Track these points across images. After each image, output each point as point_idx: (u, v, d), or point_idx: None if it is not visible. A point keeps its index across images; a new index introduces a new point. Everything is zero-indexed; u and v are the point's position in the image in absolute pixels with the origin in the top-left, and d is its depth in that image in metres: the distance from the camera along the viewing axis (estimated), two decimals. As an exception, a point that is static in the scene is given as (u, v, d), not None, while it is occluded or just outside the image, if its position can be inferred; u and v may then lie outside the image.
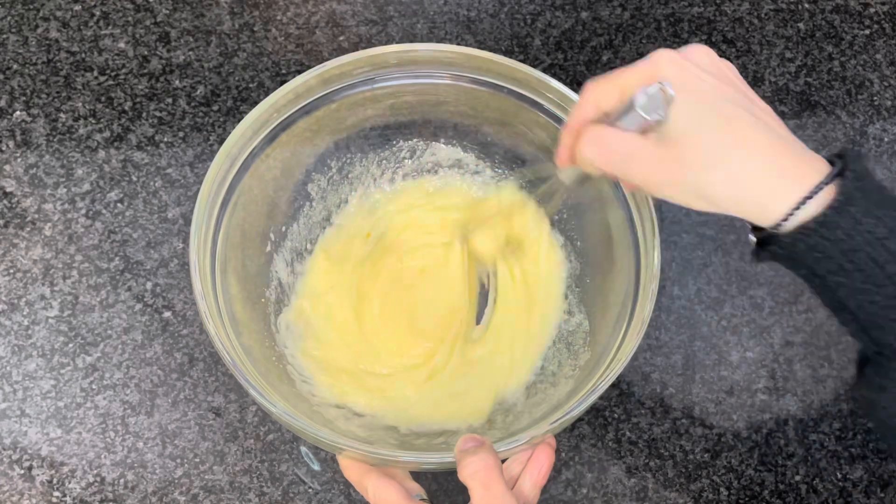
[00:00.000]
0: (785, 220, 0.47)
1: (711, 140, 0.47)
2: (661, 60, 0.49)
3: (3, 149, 0.78)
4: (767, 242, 0.49)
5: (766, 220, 0.48)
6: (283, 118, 0.65)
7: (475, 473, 0.50)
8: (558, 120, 0.66)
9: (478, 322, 0.70)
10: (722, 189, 0.47)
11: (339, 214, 0.73)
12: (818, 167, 0.48)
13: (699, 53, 0.50)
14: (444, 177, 0.75)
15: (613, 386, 0.72)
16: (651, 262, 0.59)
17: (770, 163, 0.47)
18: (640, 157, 0.48)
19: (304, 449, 0.68)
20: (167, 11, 0.85)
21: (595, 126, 0.50)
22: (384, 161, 0.74)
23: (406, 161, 0.74)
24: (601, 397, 0.71)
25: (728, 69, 0.50)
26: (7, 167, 0.77)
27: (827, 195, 0.47)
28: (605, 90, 0.50)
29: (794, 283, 0.76)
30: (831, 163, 0.48)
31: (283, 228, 0.70)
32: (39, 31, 0.84)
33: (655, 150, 0.47)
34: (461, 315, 0.70)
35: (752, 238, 0.51)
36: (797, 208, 0.46)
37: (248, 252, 0.67)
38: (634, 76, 0.49)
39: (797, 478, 0.70)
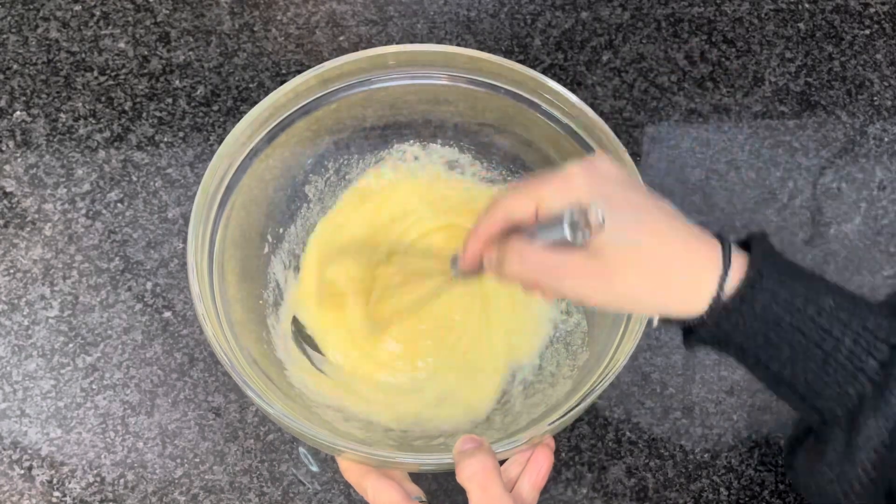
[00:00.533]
0: (710, 306, 0.48)
1: (632, 247, 0.48)
2: (573, 175, 0.49)
3: (3, 149, 0.78)
4: (693, 331, 0.50)
5: (693, 311, 0.48)
6: (281, 118, 0.65)
7: (473, 476, 0.50)
8: (556, 120, 0.66)
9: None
10: (650, 290, 0.48)
11: (336, 216, 0.73)
12: (720, 251, 0.49)
13: (603, 162, 0.51)
14: (442, 177, 0.75)
15: (613, 386, 0.72)
16: None
17: (691, 263, 0.48)
18: (569, 272, 0.48)
19: (302, 450, 0.68)
20: (167, 11, 0.85)
21: (518, 244, 0.50)
22: (382, 162, 0.74)
23: (404, 162, 0.74)
24: (601, 397, 0.71)
25: (624, 173, 0.51)
26: (7, 167, 0.77)
27: (739, 275, 0.48)
28: (520, 203, 0.51)
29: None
30: (722, 242, 0.49)
31: (281, 230, 0.70)
32: (39, 31, 0.84)
33: (582, 264, 0.48)
34: (459, 316, 0.70)
35: (655, 323, 0.52)
36: (717, 294, 0.47)
37: (246, 253, 0.67)
38: (550, 191, 0.49)
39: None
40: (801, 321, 0.47)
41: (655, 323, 0.53)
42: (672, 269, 0.48)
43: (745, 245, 0.50)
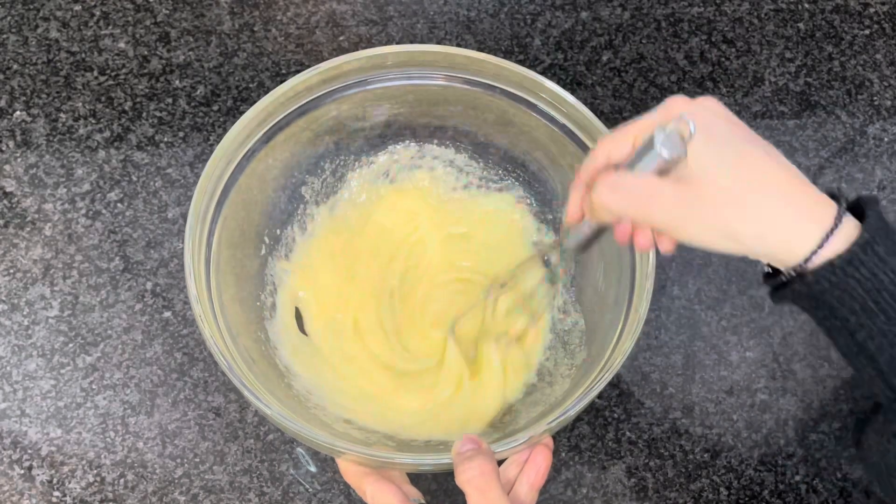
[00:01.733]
0: (808, 258, 0.46)
1: (733, 178, 0.46)
2: (673, 101, 0.49)
3: (3, 149, 0.78)
4: (787, 283, 0.48)
5: (790, 258, 0.47)
6: (279, 118, 0.65)
7: (472, 479, 0.50)
8: (553, 121, 0.66)
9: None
10: (747, 227, 0.46)
11: (333, 217, 0.73)
12: (832, 206, 0.47)
13: (710, 101, 0.49)
14: (441, 177, 0.75)
15: (613, 386, 0.72)
16: (646, 260, 0.59)
17: (792, 201, 0.47)
18: (661, 197, 0.47)
19: (300, 450, 0.68)
20: (167, 11, 0.85)
21: (610, 172, 0.49)
22: (379, 162, 0.73)
23: (403, 162, 0.74)
24: (600, 397, 0.71)
25: (733, 116, 0.50)
26: (7, 167, 0.77)
27: (847, 236, 0.46)
28: (616, 142, 0.50)
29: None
30: (848, 202, 0.48)
31: (278, 231, 0.70)
32: (39, 31, 0.84)
33: (675, 190, 0.47)
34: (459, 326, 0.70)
35: (767, 280, 0.50)
36: (821, 245, 0.46)
37: (244, 254, 0.67)
38: (646, 121, 0.49)
39: (797, 478, 0.70)
40: None
41: (766, 268, 0.50)
42: (774, 209, 0.46)
43: (855, 205, 0.48)
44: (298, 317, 0.70)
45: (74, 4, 0.85)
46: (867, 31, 0.88)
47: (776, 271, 0.50)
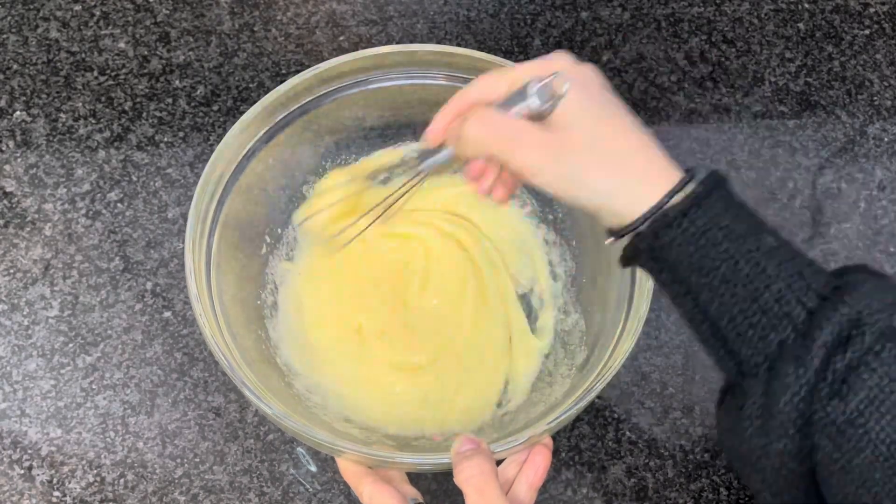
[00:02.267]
0: (648, 214, 0.47)
1: (597, 132, 0.48)
2: (558, 59, 0.50)
3: (3, 149, 0.78)
4: (630, 243, 0.49)
5: (631, 213, 0.47)
6: (279, 118, 0.65)
7: (470, 479, 0.50)
8: None
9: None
10: (600, 178, 0.47)
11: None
12: (681, 172, 0.48)
13: (592, 68, 0.51)
14: (440, 177, 0.75)
15: (613, 386, 0.72)
16: None
17: (646, 161, 0.48)
18: (526, 138, 0.48)
19: (300, 450, 0.68)
20: (167, 11, 0.85)
21: (483, 108, 0.50)
22: (379, 162, 0.73)
23: (402, 161, 0.74)
24: (600, 397, 0.71)
25: (610, 86, 0.51)
26: (7, 167, 0.77)
27: (687, 195, 0.46)
28: (493, 80, 0.51)
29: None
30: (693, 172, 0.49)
31: (279, 231, 0.70)
32: (39, 31, 0.84)
33: (539, 134, 0.48)
34: (456, 319, 0.70)
35: (609, 239, 0.50)
36: (661, 204, 0.46)
37: (244, 253, 0.67)
38: (526, 69, 0.50)
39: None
40: (737, 250, 0.45)
41: (609, 240, 0.51)
42: (626, 163, 0.47)
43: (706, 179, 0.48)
44: (299, 316, 0.70)
45: (74, 4, 0.85)
46: (867, 31, 0.88)
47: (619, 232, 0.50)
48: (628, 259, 0.50)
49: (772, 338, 0.44)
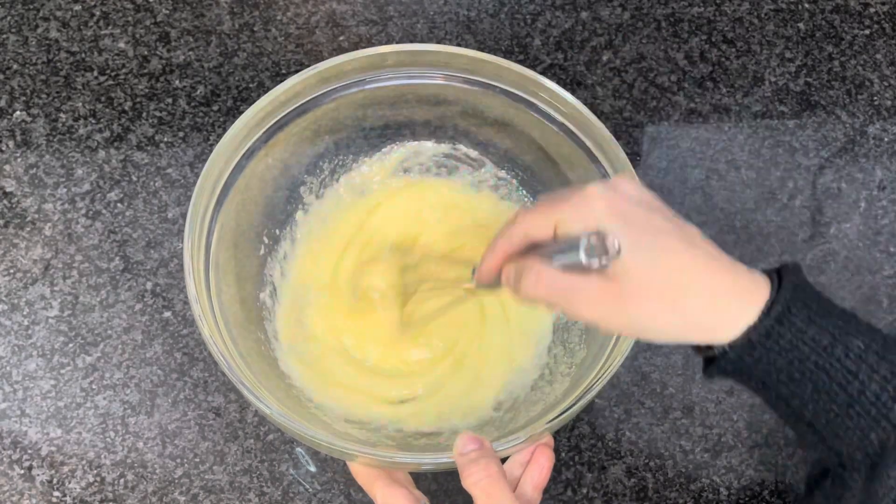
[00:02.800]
0: (733, 344, 0.47)
1: (651, 274, 0.47)
2: (593, 197, 0.49)
3: (3, 149, 0.78)
4: (714, 360, 0.49)
5: (713, 339, 0.48)
6: (279, 118, 0.65)
7: (478, 482, 0.50)
8: (553, 120, 0.66)
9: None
10: (669, 320, 0.47)
11: (332, 217, 0.73)
12: (759, 284, 0.48)
13: (626, 184, 0.50)
14: (440, 177, 0.75)
15: (613, 385, 0.72)
16: None
17: (711, 287, 0.47)
18: (584, 295, 0.48)
19: (299, 450, 0.68)
20: (167, 11, 0.85)
21: (536, 265, 0.49)
22: (379, 162, 0.73)
23: (402, 161, 0.74)
24: (600, 397, 0.71)
25: (651, 197, 0.50)
26: (7, 167, 0.77)
27: (763, 306, 0.47)
28: (538, 223, 0.50)
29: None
30: (769, 275, 0.49)
31: (277, 231, 0.70)
32: (39, 30, 0.84)
33: (598, 288, 0.47)
34: (457, 319, 0.70)
35: (700, 353, 0.51)
36: (744, 334, 0.46)
37: (243, 254, 0.67)
38: (568, 213, 0.49)
39: (797, 478, 0.70)
40: (826, 361, 0.46)
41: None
42: (690, 297, 0.47)
43: (778, 273, 0.49)
44: (298, 317, 0.70)
45: (74, 4, 0.85)
46: (867, 31, 0.88)
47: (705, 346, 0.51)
48: (712, 375, 0.50)
49: (872, 437, 0.45)
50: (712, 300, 0.47)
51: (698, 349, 0.51)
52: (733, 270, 0.48)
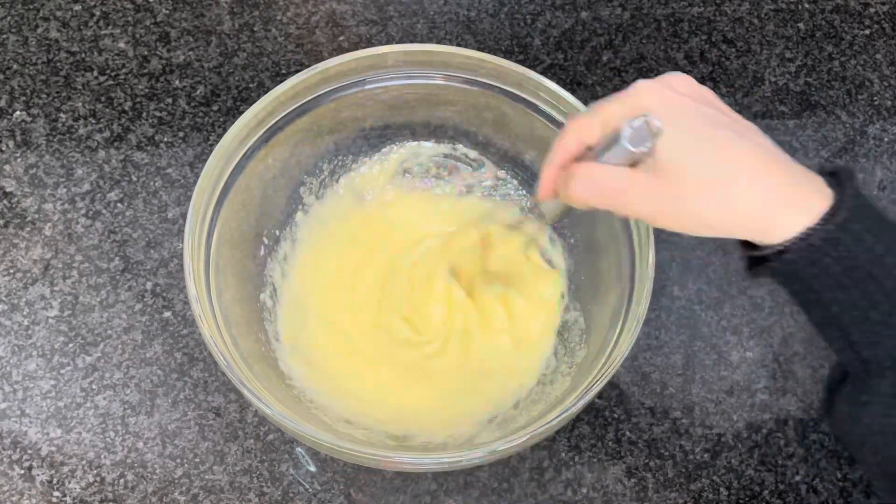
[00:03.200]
0: (793, 244, 0.47)
1: (702, 166, 0.46)
2: (642, 90, 0.48)
3: (3, 149, 0.78)
4: (764, 259, 0.49)
5: (767, 241, 0.47)
6: (279, 118, 0.65)
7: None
8: (553, 120, 0.66)
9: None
10: (720, 215, 0.47)
11: (332, 218, 0.73)
12: (816, 186, 0.47)
13: (678, 80, 0.49)
14: (440, 177, 0.75)
15: (613, 386, 0.72)
16: (646, 259, 0.59)
17: (767, 185, 0.47)
18: (633, 190, 0.47)
19: (299, 450, 0.68)
20: (167, 11, 0.85)
21: (583, 164, 0.49)
22: (380, 162, 0.73)
23: (402, 162, 0.74)
24: (600, 397, 0.71)
25: (707, 92, 0.50)
26: (7, 167, 0.77)
27: (822, 210, 0.46)
28: (587, 124, 0.50)
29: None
30: (823, 176, 0.48)
31: (277, 232, 0.70)
32: (39, 31, 0.84)
33: (647, 182, 0.47)
34: (455, 321, 0.70)
35: (745, 250, 0.51)
36: (804, 236, 0.46)
37: (243, 254, 0.67)
38: (616, 108, 0.49)
39: (797, 478, 0.70)
40: (878, 269, 0.46)
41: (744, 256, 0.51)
42: (743, 194, 0.46)
43: (832, 175, 0.48)
44: (299, 317, 0.70)
45: (74, 4, 0.85)
46: (867, 31, 0.88)
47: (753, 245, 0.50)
48: (757, 273, 0.50)
49: None
50: (767, 199, 0.46)
51: (743, 245, 0.50)
52: (791, 170, 0.47)
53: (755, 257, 0.49)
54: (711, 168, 0.46)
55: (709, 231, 0.48)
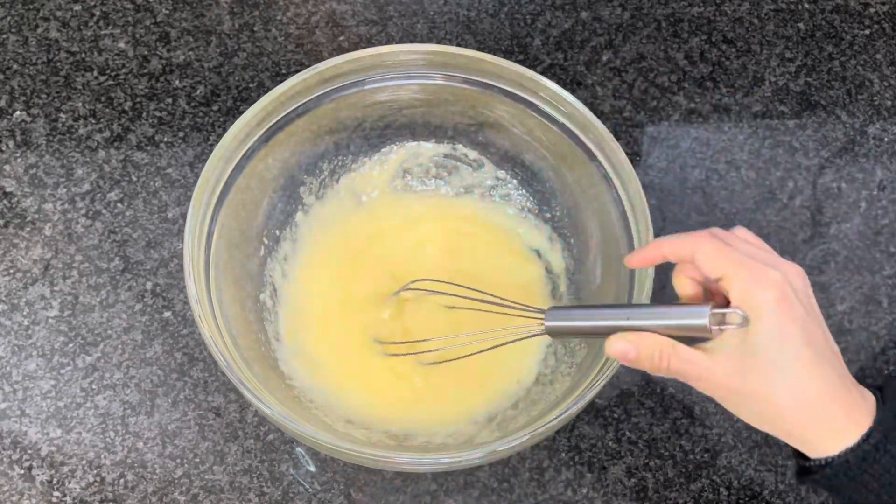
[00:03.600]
0: (840, 458, 0.49)
1: (794, 365, 0.48)
2: (769, 276, 0.49)
3: (3, 149, 0.78)
4: (809, 470, 0.51)
5: (813, 451, 0.50)
6: (279, 118, 0.65)
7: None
8: (553, 120, 0.66)
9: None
10: (785, 413, 0.49)
11: (332, 219, 0.73)
12: (862, 404, 0.50)
13: (793, 274, 0.51)
14: (440, 177, 0.75)
15: (613, 385, 0.72)
16: None
17: (832, 394, 0.49)
18: (710, 377, 0.50)
19: (299, 450, 0.68)
20: (167, 11, 0.85)
21: (658, 339, 0.51)
22: (379, 163, 0.73)
23: (401, 162, 0.74)
24: (600, 397, 0.71)
25: (809, 291, 0.52)
26: (7, 167, 0.77)
27: (864, 427, 0.49)
28: (706, 257, 0.51)
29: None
30: (874, 392, 0.51)
31: (277, 232, 0.70)
32: (39, 30, 0.84)
33: (727, 371, 0.49)
34: (458, 320, 0.70)
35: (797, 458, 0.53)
36: (847, 455, 0.48)
37: (243, 254, 0.67)
38: (742, 275, 0.50)
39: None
40: None
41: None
42: (816, 404, 0.49)
43: (881, 391, 0.51)
44: (299, 317, 0.70)
45: (74, 4, 0.85)
46: (867, 31, 0.88)
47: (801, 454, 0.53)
48: (803, 482, 0.53)
49: None
50: (833, 410, 0.49)
51: (794, 452, 0.53)
52: (846, 392, 0.49)
53: (804, 467, 0.52)
54: (797, 370, 0.49)
55: (766, 425, 0.51)
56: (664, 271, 0.76)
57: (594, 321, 0.55)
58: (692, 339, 0.52)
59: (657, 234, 0.61)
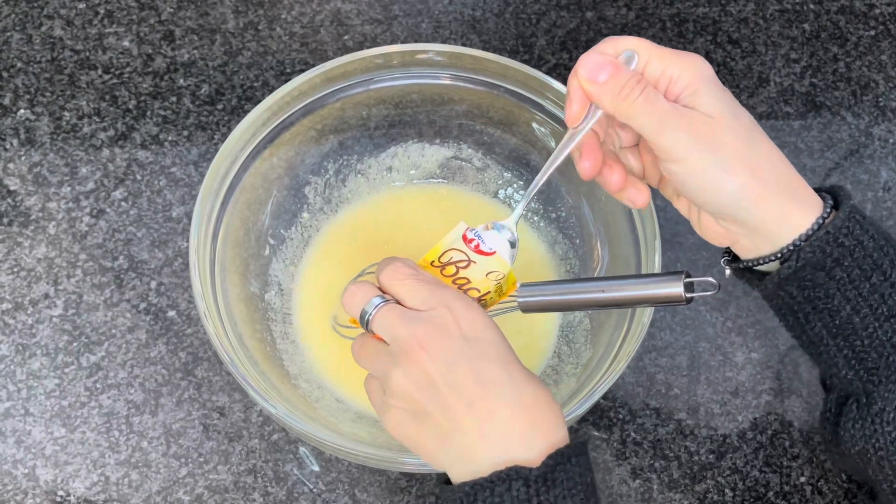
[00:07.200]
0: (803, 238, 0.48)
1: (748, 134, 0.48)
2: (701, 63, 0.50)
3: (7, 147, 0.78)
4: (755, 270, 0.51)
5: (778, 235, 0.49)
6: (284, 118, 0.65)
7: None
8: (559, 120, 0.66)
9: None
10: (743, 196, 0.48)
11: (337, 218, 0.73)
12: (818, 198, 0.50)
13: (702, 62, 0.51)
14: (445, 177, 0.75)
15: (618, 387, 0.71)
16: (651, 260, 0.59)
17: (786, 178, 0.49)
18: (684, 120, 0.48)
19: (303, 450, 0.68)
20: (172, 10, 0.85)
21: (650, 86, 0.49)
22: (384, 162, 0.73)
23: (407, 162, 0.74)
24: (605, 397, 0.71)
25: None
26: (11, 165, 0.77)
27: (829, 218, 0.49)
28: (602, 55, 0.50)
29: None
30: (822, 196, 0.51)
31: (282, 231, 0.70)
32: (43, 29, 0.84)
33: (700, 116, 0.48)
34: None
35: (727, 269, 0.53)
36: (817, 228, 0.48)
37: (248, 254, 0.67)
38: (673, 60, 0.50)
39: (802, 479, 0.70)
40: (886, 261, 0.47)
41: (728, 273, 0.54)
42: (772, 178, 0.48)
43: (831, 194, 0.51)
44: (304, 316, 0.70)
45: (78, 2, 0.85)
46: (872, 32, 0.88)
47: (734, 258, 0.52)
48: (746, 278, 0.52)
49: None
50: (790, 192, 0.49)
51: (727, 260, 0.52)
52: (799, 177, 0.50)
53: (738, 267, 0.52)
54: (754, 139, 0.48)
55: (723, 208, 0.49)
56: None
57: (569, 295, 0.54)
58: (665, 306, 0.54)
59: (663, 238, 0.60)
